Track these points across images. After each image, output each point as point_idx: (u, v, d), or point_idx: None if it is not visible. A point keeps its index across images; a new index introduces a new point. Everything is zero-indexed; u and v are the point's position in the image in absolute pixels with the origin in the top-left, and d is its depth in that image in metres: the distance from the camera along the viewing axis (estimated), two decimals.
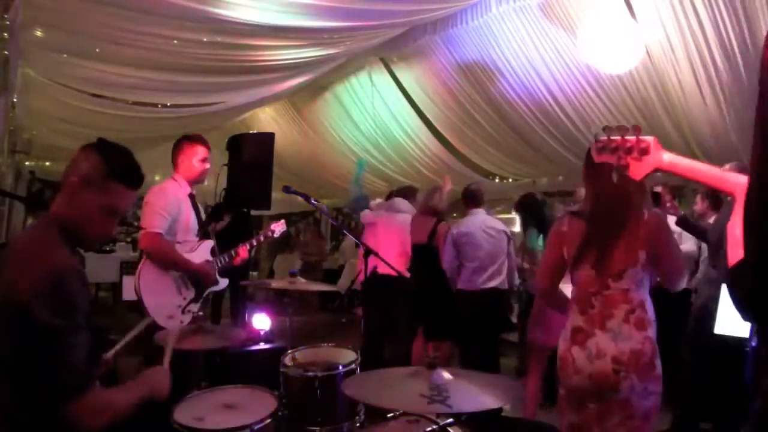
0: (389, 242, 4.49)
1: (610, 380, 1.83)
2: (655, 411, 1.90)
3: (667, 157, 1.20)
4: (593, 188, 2.00)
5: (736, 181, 1.10)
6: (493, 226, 4.13)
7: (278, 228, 3.60)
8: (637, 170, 1.20)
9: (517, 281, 4.40)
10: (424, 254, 4.29)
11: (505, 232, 4.13)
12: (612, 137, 1.24)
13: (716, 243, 3.40)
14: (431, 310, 4.21)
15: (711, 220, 3.88)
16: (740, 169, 3.86)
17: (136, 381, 1.55)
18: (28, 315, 1.25)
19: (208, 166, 3.19)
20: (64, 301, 1.29)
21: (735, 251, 0.95)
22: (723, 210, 3.60)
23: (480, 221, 4.14)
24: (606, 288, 1.91)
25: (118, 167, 1.48)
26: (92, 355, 1.40)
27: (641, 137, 1.21)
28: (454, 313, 4.17)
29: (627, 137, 1.22)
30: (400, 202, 4.78)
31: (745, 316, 0.90)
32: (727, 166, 3.90)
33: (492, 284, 4.02)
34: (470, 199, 4.27)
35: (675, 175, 1.23)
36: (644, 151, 1.20)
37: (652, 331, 1.90)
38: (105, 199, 1.46)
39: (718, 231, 3.32)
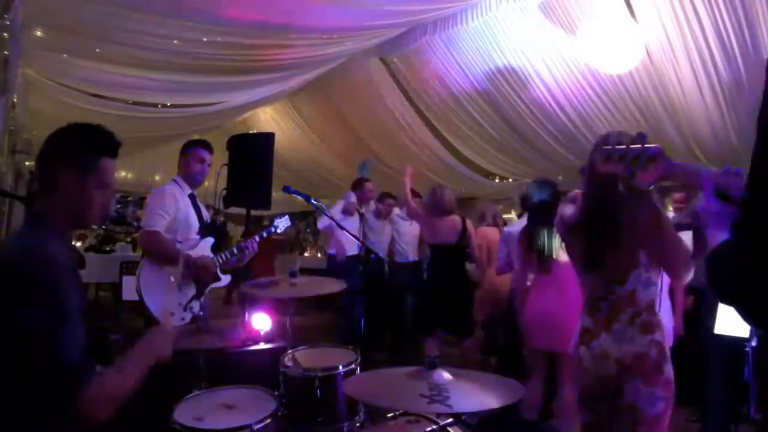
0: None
1: (614, 383, 1.82)
2: (665, 417, 1.86)
3: (674, 164, 1.17)
4: (584, 195, 1.99)
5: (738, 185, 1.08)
6: None
7: (282, 224, 3.61)
8: (644, 179, 1.18)
9: None
10: (454, 253, 4.37)
11: None
12: (617, 146, 1.20)
13: None
14: (454, 309, 4.30)
15: None
16: None
17: (136, 349, 1.49)
18: (17, 317, 1.24)
19: (206, 168, 3.25)
20: (49, 298, 1.28)
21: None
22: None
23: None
24: (612, 293, 1.90)
25: (100, 144, 1.51)
26: (89, 348, 1.36)
27: (647, 145, 1.17)
28: (473, 312, 4.34)
29: (632, 146, 1.18)
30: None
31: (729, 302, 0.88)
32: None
33: None
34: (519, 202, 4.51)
35: (678, 180, 1.20)
36: (651, 159, 1.17)
37: (660, 335, 1.87)
38: (98, 177, 1.49)
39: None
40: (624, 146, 1.19)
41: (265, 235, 3.48)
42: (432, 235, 4.44)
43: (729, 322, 2.91)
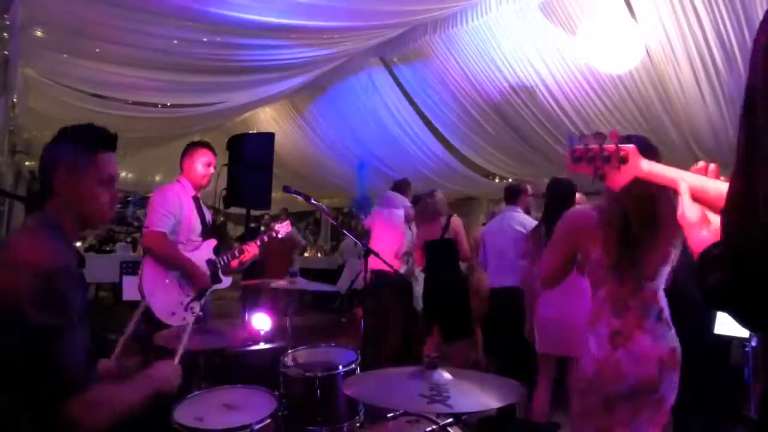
0: (385, 239, 4.64)
1: (654, 381, 1.82)
2: (673, 401, 1.92)
3: (647, 165, 1.14)
4: (617, 193, 1.85)
5: (716, 187, 1.08)
6: (511, 224, 4.01)
7: (283, 228, 3.61)
8: (615, 179, 1.15)
9: None
10: (438, 248, 4.29)
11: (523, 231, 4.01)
12: (589, 145, 1.18)
13: None
14: (447, 308, 4.20)
15: None
16: None
17: (142, 375, 1.54)
18: (21, 317, 1.25)
19: (212, 171, 3.25)
20: (56, 301, 1.29)
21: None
22: None
23: (501, 218, 4.11)
24: (640, 289, 1.89)
25: (94, 139, 1.52)
26: (90, 351, 1.39)
27: (621, 145, 1.15)
28: (469, 312, 4.22)
29: (605, 146, 1.16)
30: (394, 197, 4.90)
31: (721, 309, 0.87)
32: None
33: (502, 283, 3.96)
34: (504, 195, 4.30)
35: (654, 183, 1.16)
36: (623, 160, 1.14)
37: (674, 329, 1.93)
38: (99, 172, 1.50)
39: None
40: (595, 146, 1.17)
41: (266, 239, 3.48)
42: (421, 235, 4.45)
43: (729, 322, 2.91)
